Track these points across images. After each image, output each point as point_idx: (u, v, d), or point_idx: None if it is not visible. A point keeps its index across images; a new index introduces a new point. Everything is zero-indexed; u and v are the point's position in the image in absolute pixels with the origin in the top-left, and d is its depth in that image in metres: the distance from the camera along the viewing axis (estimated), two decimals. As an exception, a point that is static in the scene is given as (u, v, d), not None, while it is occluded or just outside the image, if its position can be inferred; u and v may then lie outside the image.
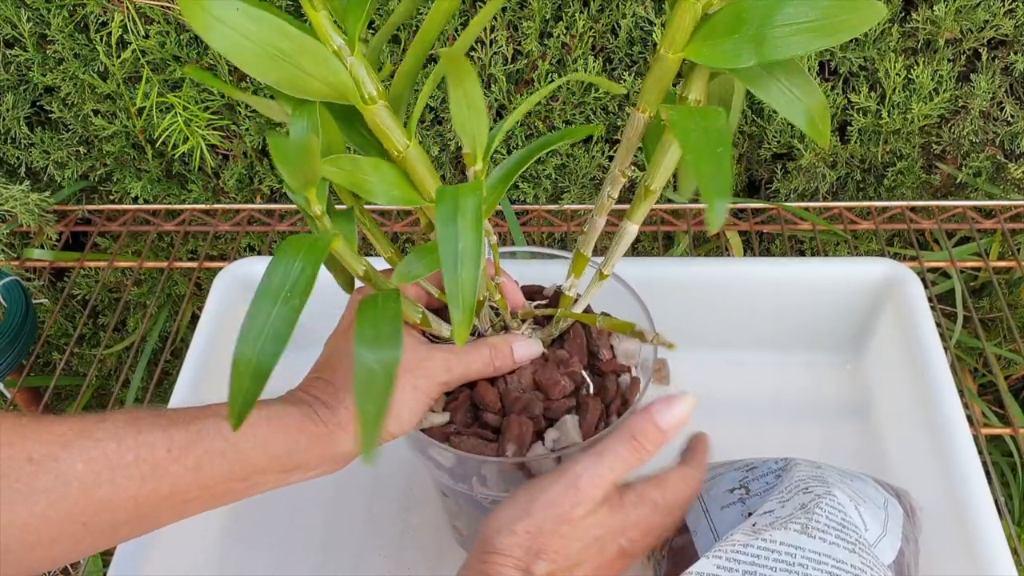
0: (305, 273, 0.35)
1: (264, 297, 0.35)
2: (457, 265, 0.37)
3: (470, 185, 0.38)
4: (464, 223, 0.37)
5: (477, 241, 0.37)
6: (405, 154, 0.39)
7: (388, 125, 0.38)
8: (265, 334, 0.35)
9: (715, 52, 0.35)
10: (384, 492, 0.68)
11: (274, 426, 0.42)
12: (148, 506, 0.40)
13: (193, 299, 1.02)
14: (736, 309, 0.72)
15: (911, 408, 0.65)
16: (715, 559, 0.49)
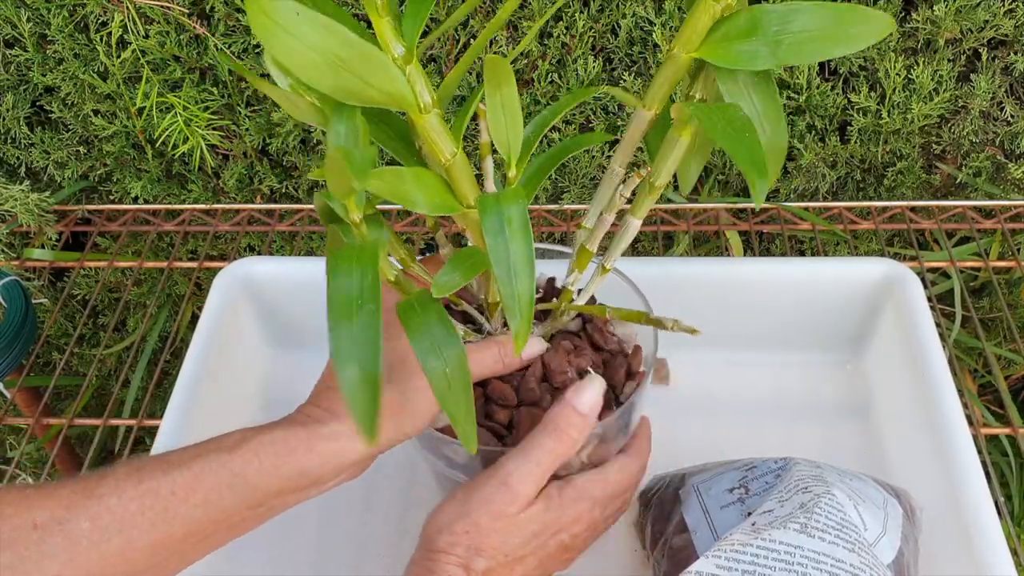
0: (367, 278, 0.36)
1: (339, 314, 0.35)
2: (512, 276, 0.38)
3: (511, 193, 0.38)
4: (512, 232, 0.37)
5: (528, 249, 0.38)
6: (452, 161, 0.39)
7: (439, 133, 0.38)
8: (358, 345, 0.35)
9: (731, 53, 0.36)
10: (382, 492, 0.68)
11: (279, 450, 0.42)
12: (166, 550, 0.40)
13: (193, 299, 1.02)
14: (736, 309, 0.72)
15: (911, 408, 0.65)
16: (715, 559, 0.49)
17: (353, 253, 0.36)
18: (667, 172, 0.43)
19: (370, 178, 0.36)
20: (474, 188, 0.41)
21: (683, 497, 0.57)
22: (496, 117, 0.38)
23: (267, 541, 0.65)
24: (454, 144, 0.39)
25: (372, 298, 0.35)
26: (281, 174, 1.00)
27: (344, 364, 0.34)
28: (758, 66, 0.36)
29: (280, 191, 1.01)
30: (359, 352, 0.34)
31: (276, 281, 0.74)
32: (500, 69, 0.36)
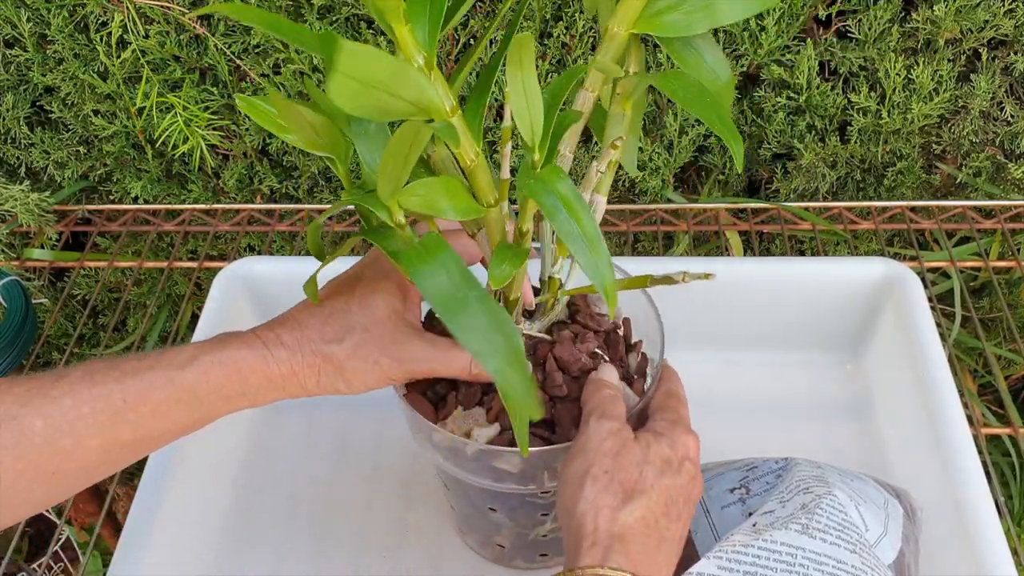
0: (457, 269, 0.37)
1: (453, 314, 0.36)
2: (585, 251, 0.39)
3: (550, 172, 0.39)
4: (571, 209, 0.39)
5: (591, 220, 0.39)
6: (477, 162, 0.40)
7: (464, 136, 0.38)
8: (487, 333, 0.36)
9: (668, 24, 0.39)
10: (383, 492, 0.68)
11: (227, 371, 0.45)
12: (115, 450, 0.43)
13: (193, 299, 1.02)
14: (736, 309, 0.72)
15: (911, 408, 0.65)
16: (716, 560, 0.49)
17: (423, 254, 0.37)
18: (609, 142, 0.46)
19: (405, 195, 0.37)
20: (492, 188, 0.41)
21: (683, 497, 0.57)
22: (519, 100, 0.38)
23: (268, 541, 0.65)
24: (477, 146, 0.39)
25: (473, 285, 0.36)
26: (281, 174, 1.00)
27: (486, 358, 0.36)
28: (697, 31, 0.39)
29: (280, 191, 1.01)
30: (491, 339, 0.36)
31: (276, 281, 0.74)
32: (525, 48, 0.36)
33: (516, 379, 0.37)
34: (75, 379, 0.42)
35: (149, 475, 0.62)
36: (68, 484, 0.43)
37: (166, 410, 0.43)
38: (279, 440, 0.72)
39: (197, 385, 0.44)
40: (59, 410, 0.41)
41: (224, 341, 0.46)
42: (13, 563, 1.03)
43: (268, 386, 0.46)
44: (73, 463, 0.42)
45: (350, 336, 0.46)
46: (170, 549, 0.61)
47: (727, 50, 0.87)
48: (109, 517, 1.00)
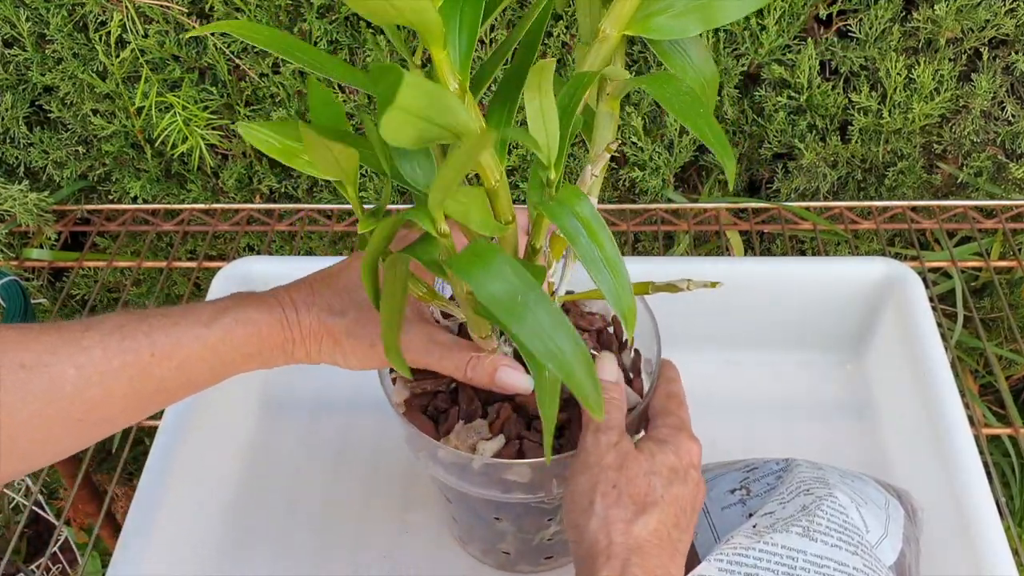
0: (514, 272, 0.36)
1: (518, 319, 0.36)
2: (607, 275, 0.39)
3: (569, 192, 0.39)
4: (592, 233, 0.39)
5: (612, 244, 0.39)
6: (500, 182, 0.40)
7: (490, 161, 0.39)
8: (552, 337, 0.36)
9: (661, 27, 0.39)
10: (382, 492, 0.68)
11: (248, 331, 0.46)
12: (138, 400, 0.44)
13: (192, 299, 1.02)
14: (736, 309, 0.72)
15: (912, 408, 0.65)
16: (717, 562, 0.49)
17: (476, 259, 0.37)
18: (604, 142, 0.45)
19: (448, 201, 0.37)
20: (511, 207, 0.41)
21: (684, 498, 0.57)
22: (537, 123, 0.38)
23: (268, 541, 0.65)
24: (501, 166, 0.39)
25: (531, 287, 0.36)
26: (280, 174, 1.00)
27: (553, 360, 0.36)
28: (690, 33, 0.39)
29: (279, 191, 1.01)
30: (557, 345, 0.35)
31: (275, 281, 0.73)
32: (545, 75, 0.36)
33: (587, 379, 0.37)
34: (105, 331, 0.43)
35: (149, 475, 0.62)
36: (92, 433, 0.44)
37: (190, 366, 0.45)
38: (279, 440, 0.72)
39: (221, 343, 0.45)
40: (90, 360, 0.42)
41: (245, 300, 0.47)
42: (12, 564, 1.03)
43: (279, 349, 0.47)
44: (99, 413, 0.43)
45: (353, 311, 0.47)
46: (170, 549, 0.60)
47: (727, 49, 0.87)
48: (108, 517, 1.00)
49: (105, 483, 1.13)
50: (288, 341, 0.47)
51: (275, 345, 0.47)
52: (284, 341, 0.47)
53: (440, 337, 0.47)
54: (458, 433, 0.49)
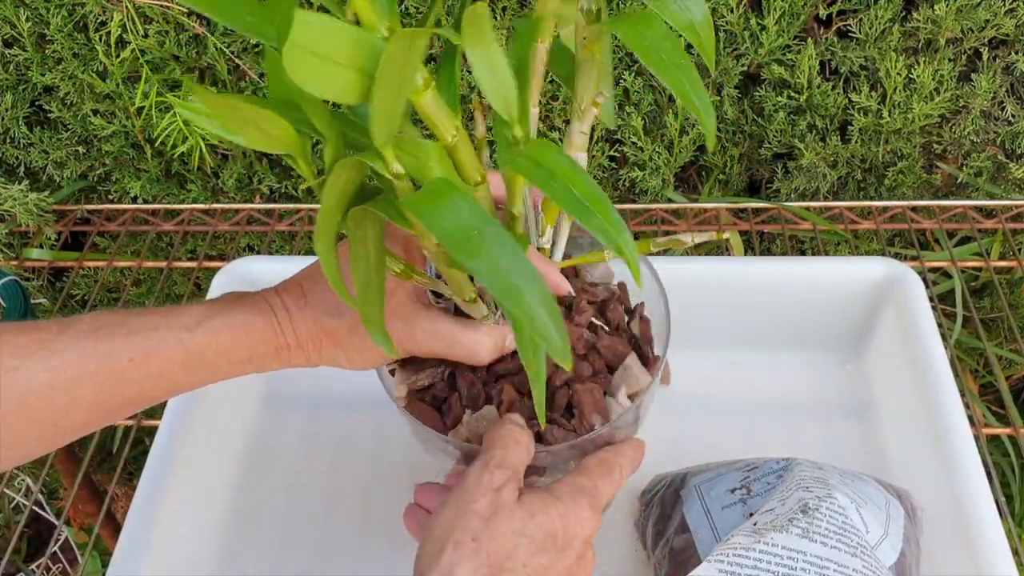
0: (469, 206, 0.33)
1: (472, 251, 0.33)
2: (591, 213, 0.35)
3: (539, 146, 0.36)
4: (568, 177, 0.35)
5: (590, 181, 0.35)
6: (459, 138, 0.36)
7: (438, 112, 0.35)
8: (509, 273, 0.33)
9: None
10: (383, 492, 0.68)
11: (236, 336, 0.43)
12: (115, 405, 0.42)
13: (192, 299, 1.02)
14: (736, 309, 0.72)
15: (912, 408, 0.65)
16: (717, 563, 0.49)
17: (431, 195, 0.34)
18: (589, 94, 0.42)
19: (396, 149, 0.34)
20: (478, 165, 0.38)
21: (684, 497, 0.57)
22: (486, 78, 0.34)
23: (268, 541, 0.65)
24: (456, 121, 0.36)
25: (485, 220, 0.33)
26: (280, 174, 1.00)
27: (512, 298, 0.32)
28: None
29: (279, 191, 1.01)
30: (516, 275, 0.32)
31: (275, 280, 0.73)
32: (480, 21, 0.32)
33: (547, 317, 0.33)
34: (81, 333, 0.41)
35: (149, 475, 0.62)
36: (64, 435, 0.42)
37: (170, 371, 0.42)
38: (279, 440, 0.72)
39: (205, 348, 0.42)
40: (62, 364, 0.40)
41: (234, 302, 0.44)
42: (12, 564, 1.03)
43: (274, 355, 0.45)
44: (72, 417, 0.41)
45: (350, 309, 0.44)
46: (170, 549, 0.60)
47: (728, 49, 0.87)
48: (108, 517, 1.00)
49: (105, 483, 1.13)
50: (283, 347, 0.44)
51: (268, 351, 0.44)
52: (278, 347, 0.44)
53: (444, 323, 0.44)
54: (467, 424, 0.47)
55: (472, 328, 0.45)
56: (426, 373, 0.50)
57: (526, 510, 0.40)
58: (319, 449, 0.71)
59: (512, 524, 0.39)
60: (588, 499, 0.42)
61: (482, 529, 0.39)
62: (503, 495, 0.40)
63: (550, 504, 0.41)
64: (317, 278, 0.45)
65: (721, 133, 0.94)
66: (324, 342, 0.45)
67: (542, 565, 0.40)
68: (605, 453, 0.46)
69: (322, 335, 0.45)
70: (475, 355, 0.45)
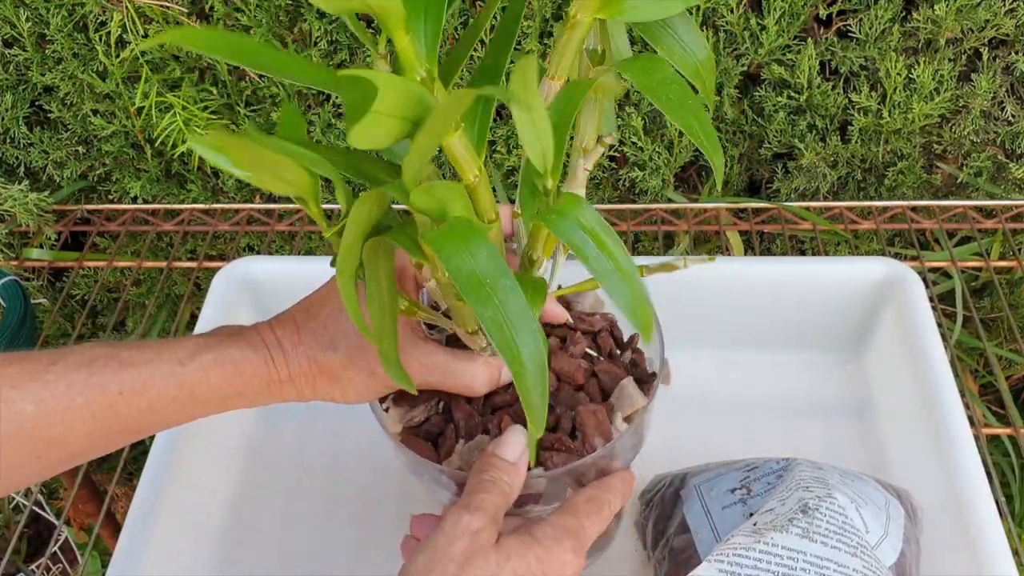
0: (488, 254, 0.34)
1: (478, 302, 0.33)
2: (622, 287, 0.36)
3: (570, 202, 0.36)
4: (601, 244, 0.36)
5: (624, 253, 0.36)
6: (480, 179, 0.37)
7: (464, 154, 0.36)
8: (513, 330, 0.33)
9: (638, 7, 0.35)
10: (382, 492, 0.68)
11: (228, 371, 0.43)
12: (102, 439, 0.42)
13: (192, 299, 1.02)
14: (736, 309, 0.72)
15: (912, 408, 0.65)
16: (717, 563, 0.49)
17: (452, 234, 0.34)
18: (592, 133, 0.42)
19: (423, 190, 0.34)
20: (493, 206, 0.39)
21: (684, 497, 0.57)
22: (526, 128, 0.35)
23: (267, 541, 0.65)
24: (479, 162, 0.37)
25: (502, 272, 0.33)
26: (280, 174, 1.00)
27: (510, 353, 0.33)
28: (671, 12, 0.35)
29: (279, 191, 1.01)
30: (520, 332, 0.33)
31: (275, 281, 0.74)
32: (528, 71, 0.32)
33: (536, 386, 0.34)
34: (72, 365, 0.40)
35: (149, 475, 0.62)
36: (51, 468, 0.42)
37: (161, 406, 0.42)
38: (278, 441, 0.72)
39: (197, 383, 0.42)
40: (52, 396, 0.40)
41: (226, 338, 0.44)
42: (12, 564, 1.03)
43: (267, 390, 0.44)
44: (60, 450, 0.41)
45: (346, 343, 0.44)
46: (170, 549, 0.60)
47: (728, 49, 0.87)
48: (108, 517, 1.00)
49: (105, 483, 1.13)
50: (275, 382, 0.44)
51: (260, 387, 0.44)
52: (270, 382, 0.44)
53: (440, 355, 0.45)
54: (460, 453, 0.47)
55: (468, 359, 0.45)
56: (420, 408, 0.49)
57: (502, 554, 0.40)
58: (318, 450, 0.71)
59: (487, 568, 0.39)
60: (571, 540, 0.42)
61: (455, 573, 0.39)
62: (480, 538, 0.40)
63: (528, 547, 0.41)
64: (312, 312, 0.45)
65: (721, 133, 0.94)
66: (318, 378, 0.45)
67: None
68: (594, 490, 0.45)
69: (316, 370, 0.45)
70: (471, 386, 0.45)
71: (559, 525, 0.42)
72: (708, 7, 0.84)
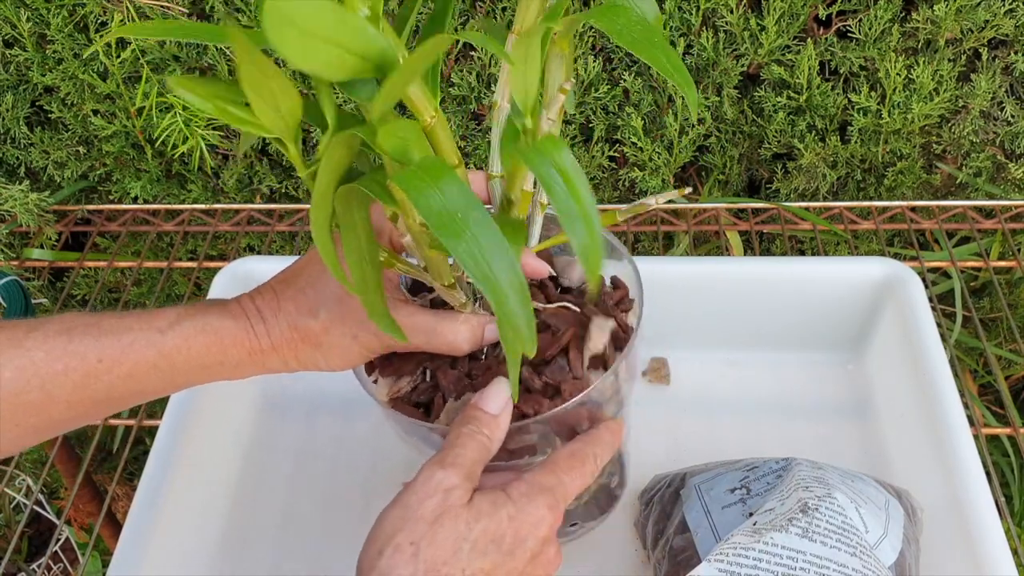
0: (458, 189, 0.34)
1: (450, 236, 0.33)
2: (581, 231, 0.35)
3: (550, 141, 0.37)
4: (571, 185, 0.36)
5: (591, 199, 0.36)
6: (436, 120, 0.37)
7: (420, 95, 0.36)
8: (488, 260, 0.33)
9: None
10: (382, 491, 0.68)
11: (209, 340, 0.43)
12: (83, 408, 0.42)
13: (193, 299, 1.02)
14: (736, 309, 0.72)
15: (911, 408, 0.65)
16: (717, 563, 0.49)
17: (422, 172, 0.34)
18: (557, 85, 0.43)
19: (383, 133, 0.34)
20: (455, 149, 0.39)
21: (684, 497, 0.57)
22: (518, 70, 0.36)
23: (267, 541, 0.65)
24: (434, 103, 0.37)
25: (472, 204, 0.33)
26: (281, 174, 1.00)
27: (488, 283, 0.33)
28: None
29: (280, 191, 1.01)
30: (495, 262, 0.33)
31: (276, 281, 0.74)
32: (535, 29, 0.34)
33: (519, 311, 0.34)
34: (51, 332, 0.40)
35: (149, 475, 0.62)
36: (33, 435, 0.42)
37: (142, 374, 0.42)
38: (278, 440, 0.72)
39: (176, 351, 0.42)
40: (31, 362, 0.40)
41: (207, 307, 0.44)
42: (12, 563, 1.03)
43: (248, 360, 0.44)
44: (40, 417, 0.41)
45: (325, 308, 0.44)
46: (170, 549, 0.60)
47: (727, 49, 0.87)
48: (109, 517, 1.00)
49: (106, 483, 1.13)
50: (257, 351, 0.44)
51: (241, 356, 0.44)
52: (251, 351, 0.44)
53: (422, 315, 0.44)
54: (447, 412, 0.47)
55: (450, 319, 0.44)
56: (406, 379, 0.49)
57: (472, 513, 0.40)
58: (318, 449, 0.71)
59: (456, 528, 0.39)
60: (546, 497, 0.41)
61: (424, 532, 0.39)
62: (452, 497, 0.40)
63: (500, 506, 0.40)
64: (291, 281, 0.45)
65: (721, 133, 0.94)
66: (300, 345, 0.44)
67: (483, 569, 0.39)
68: (577, 443, 0.45)
69: (297, 338, 0.44)
70: (454, 345, 0.45)
71: (534, 482, 0.42)
72: (708, 7, 0.84)
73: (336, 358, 0.45)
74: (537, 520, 0.41)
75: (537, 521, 0.41)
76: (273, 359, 0.45)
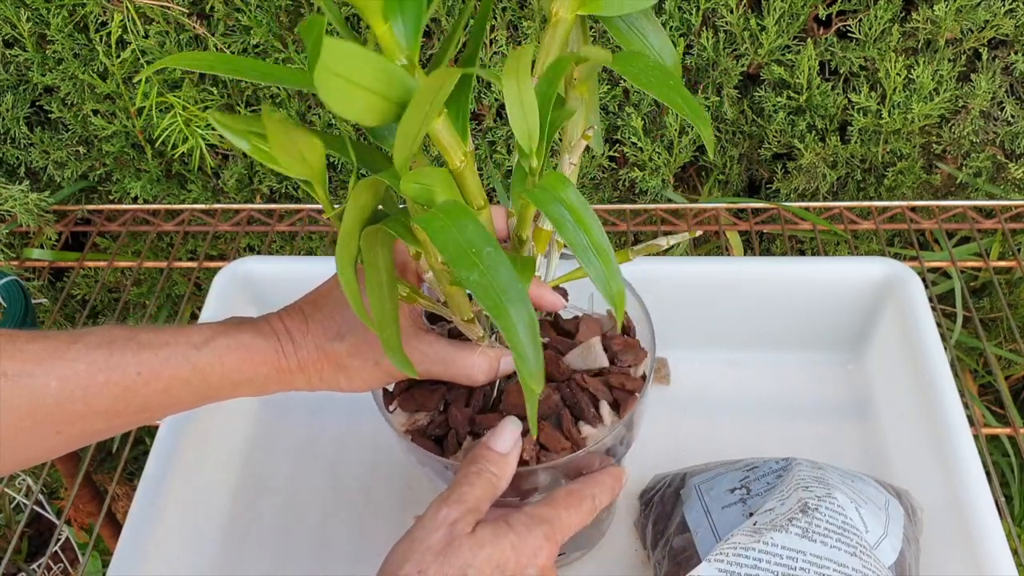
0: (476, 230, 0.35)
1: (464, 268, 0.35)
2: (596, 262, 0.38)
3: (554, 179, 0.38)
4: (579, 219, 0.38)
5: (600, 230, 0.38)
6: (466, 163, 0.39)
7: (449, 138, 0.37)
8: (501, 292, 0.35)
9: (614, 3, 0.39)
10: (383, 492, 0.68)
11: (241, 356, 0.44)
12: (120, 419, 0.43)
13: (192, 299, 1.02)
14: (736, 309, 0.72)
15: (911, 408, 0.65)
16: (717, 562, 0.49)
17: (442, 215, 0.36)
18: (579, 129, 0.44)
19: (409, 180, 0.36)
20: (481, 191, 0.40)
21: (684, 497, 0.57)
22: (516, 111, 0.37)
23: (267, 541, 0.65)
24: (464, 147, 0.38)
25: (487, 240, 0.35)
26: (281, 174, 1.00)
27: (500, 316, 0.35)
28: (646, 3, 0.39)
29: (280, 191, 1.01)
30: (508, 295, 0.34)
31: (275, 281, 0.74)
32: (522, 61, 0.35)
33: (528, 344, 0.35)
34: (92, 344, 0.42)
35: (149, 475, 0.62)
36: (69, 444, 0.43)
37: (176, 388, 0.43)
38: (279, 440, 0.72)
39: (210, 368, 0.44)
40: (74, 374, 0.41)
41: (239, 325, 0.46)
42: (12, 563, 1.03)
43: (276, 378, 0.46)
44: (78, 426, 0.42)
45: (352, 333, 0.46)
46: (170, 549, 0.60)
47: (727, 49, 0.87)
48: (109, 517, 1.00)
49: (106, 483, 1.13)
50: (285, 370, 0.46)
51: (269, 374, 0.45)
52: (279, 370, 0.46)
53: (440, 345, 0.46)
54: (467, 449, 0.48)
55: (468, 350, 0.46)
56: (423, 414, 0.51)
57: (476, 541, 0.41)
58: (319, 449, 0.71)
59: (461, 556, 0.41)
60: (544, 527, 0.43)
61: (431, 563, 0.40)
62: (456, 528, 0.42)
63: (502, 535, 0.42)
64: (319, 304, 0.47)
65: (721, 133, 0.94)
66: (325, 366, 0.46)
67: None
68: (577, 484, 0.47)
69: (323, 359, 0.46)
70: (471, 376, 0.47)
71: (534, 513, 0.44)
72: (708, 7, 0.84)
73: (359, 380, 0.47)
74: (536, 548, 0.43)
75: (536, 549, 0.43)
76: (299, 378, 0.46)
